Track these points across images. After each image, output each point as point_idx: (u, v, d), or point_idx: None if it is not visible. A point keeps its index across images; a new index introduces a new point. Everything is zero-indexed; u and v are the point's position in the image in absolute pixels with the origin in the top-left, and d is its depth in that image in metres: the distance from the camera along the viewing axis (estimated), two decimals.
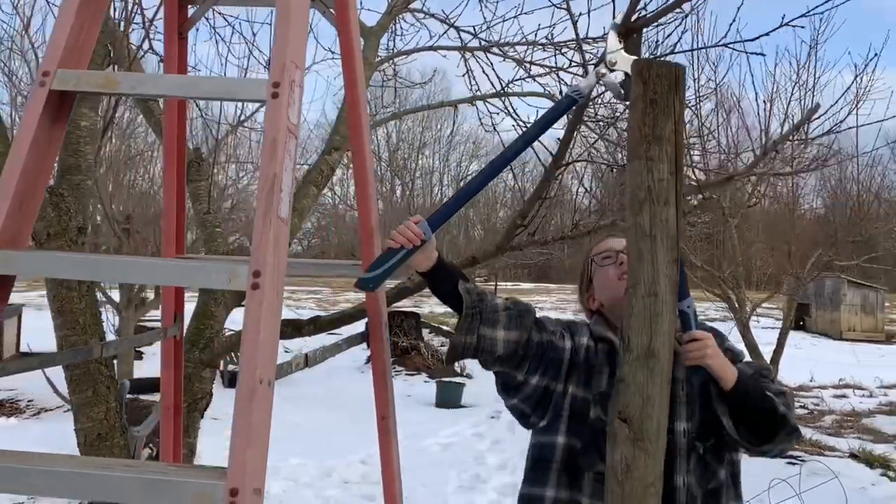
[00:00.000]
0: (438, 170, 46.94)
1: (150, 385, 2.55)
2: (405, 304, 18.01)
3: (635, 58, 1.96)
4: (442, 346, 16.89)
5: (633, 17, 1.97)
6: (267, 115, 1.52)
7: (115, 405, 2.72)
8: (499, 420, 10.78)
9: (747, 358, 2.35)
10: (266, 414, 1.45)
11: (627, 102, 1.90)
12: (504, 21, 4.20)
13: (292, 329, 3.10)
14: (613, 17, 2.03)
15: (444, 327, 18.92)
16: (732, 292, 11.28)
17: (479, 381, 12.98)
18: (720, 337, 2.24)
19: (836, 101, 6.07)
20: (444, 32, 4.43)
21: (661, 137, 1.79)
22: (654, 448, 1.84)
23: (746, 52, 2.13)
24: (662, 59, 1.86)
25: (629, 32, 1.89)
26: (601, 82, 2.04)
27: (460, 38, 4.55)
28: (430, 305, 24.07)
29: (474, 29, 4.33)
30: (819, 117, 5.57)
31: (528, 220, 2.71)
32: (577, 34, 2.55)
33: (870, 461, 8.99)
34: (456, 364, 13.55)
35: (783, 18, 2.19)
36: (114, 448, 2.72)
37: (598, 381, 2.14)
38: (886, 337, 25.43)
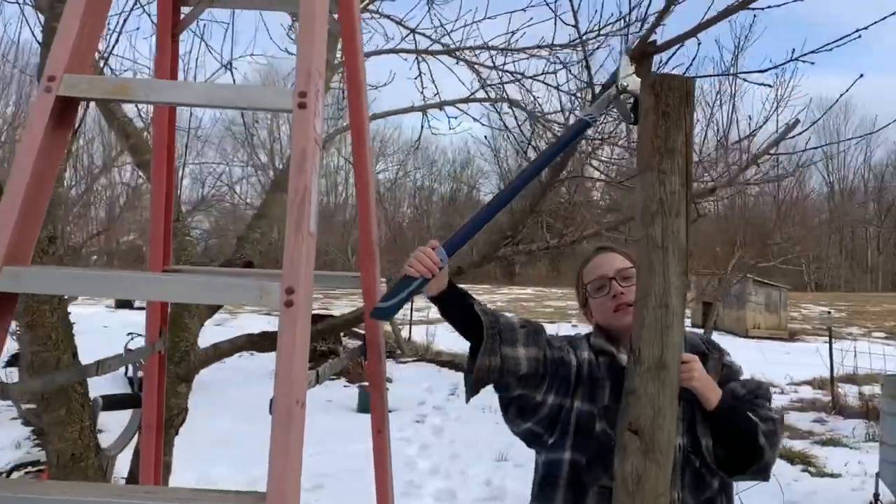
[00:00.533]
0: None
1: (122, 401, 2.44)
2: (316, 308, 17.86)
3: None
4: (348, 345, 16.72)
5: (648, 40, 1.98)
6: (294, 125, 1.46)
7: (89, 424, 2.59)
8: (424, 424, 10.74)
9: (746, 375, 2.37)
10: (301, 435, 1.41)
11: (635, 126, 1.90)
12: (466, 26, 4.19)
13: (271, 342, 3.02)
14: (625, 43, 2.04)
15: (360, 331, 18.71)
16: None
17: (401, 386, 12.90)
18: (719, 352, 2.27)
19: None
20: (406, 36, 4.39)
21: (673, 150, 1.80)
22: (665, 460, 1.84)
23: (754, 83, 2.16)
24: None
25: (643, 57, 1.89)
26: (612, 106, 2.04)
27: (415, 41, 4.53)
28: (339, 308, 23.83)
29: (437, 31, 4.31)
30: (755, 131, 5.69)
31: (517, 233, 2.70)
32: (581, 39, 2.55)
33: (790, 457, 9.26)
34: None
35: (792, 52, 2.23)
36: (88, 469, 2.58)
37: (602, 395, 2.14)
38: (789, 334, 26.35)
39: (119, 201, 18.08)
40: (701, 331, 15.75)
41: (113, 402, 2.45)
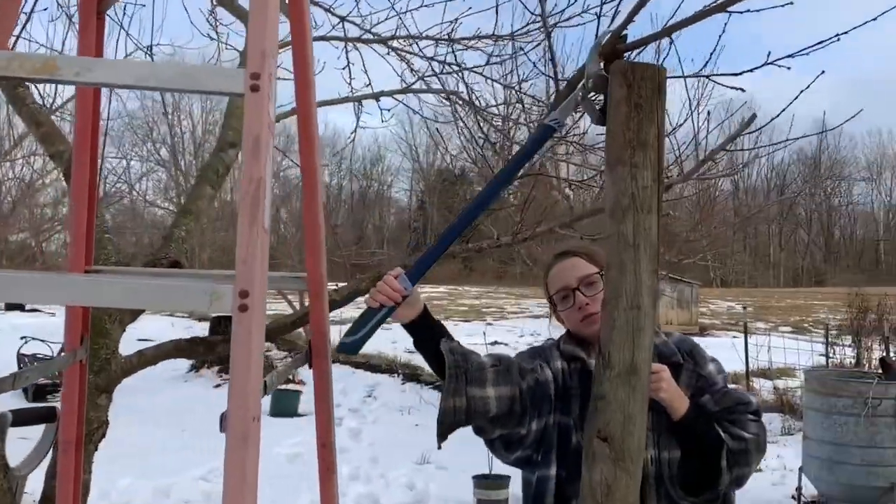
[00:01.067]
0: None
1: (34, 416, 2.22)
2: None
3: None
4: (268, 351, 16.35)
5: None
6: (247, 110, 1.31)
7: None
8: (340, 427, 10.42)
9: (732, 386, 2.29)
10: (258, 454, 1.26)
11: (604, 127, 1.81)
12: (399, 14, 4.05)
13: (205, 347, 2.82)
14: (596, 38, 1.93)
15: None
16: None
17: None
18: (694, 360, 2.20)
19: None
20: (337, 25, 4.22)
21: (645, 143, 1.71)
22: (635, 468, 1.76)
23: (727, 87, 2.10)
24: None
25: (613, 56, 1.79)
26: (580, 107, 1.94)
27: (344, 29, 4.38)
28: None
29: (365, 21, 4.17)
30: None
31: (469, 232, 2.59)
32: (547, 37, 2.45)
33: None
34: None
35: (768, 56, 2.17)
36: None
37: (575, 405, 2.07)
38: (700, 329, 27.04)
39: (8, 197, 17.00)
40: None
41: (24, 417, 2.23)
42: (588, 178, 3.65)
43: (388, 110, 4.53)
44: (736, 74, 2.10)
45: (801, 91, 2.25)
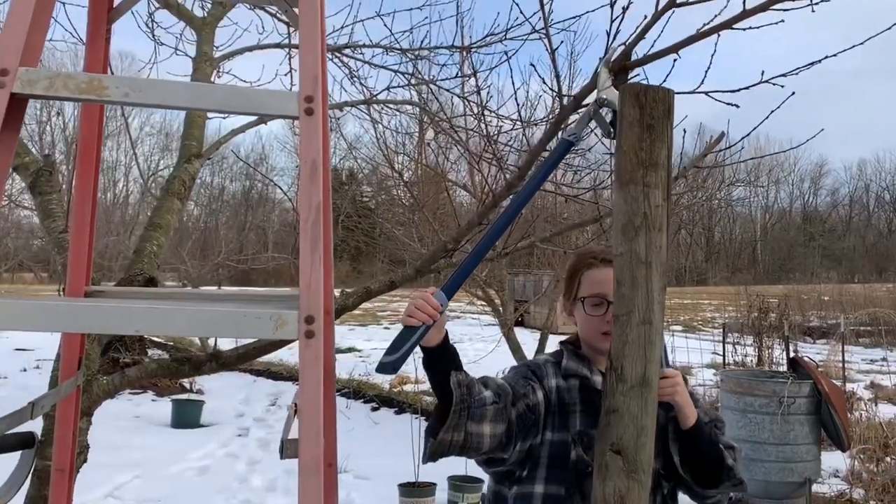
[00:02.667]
0: (124, 164, 45.06)
1: (13, 442, 2.07)
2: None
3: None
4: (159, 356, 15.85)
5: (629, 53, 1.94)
6: (302, 134, 1.30)
7: None
8: (248, 437, 10.14)
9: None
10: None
11: (614, 140, 1.86)
12: (350, 25, 4.01)
13: (190, 367, 2.71)
14: (605, 55, 1.98)
15: (170, 343, 17.78)
16: (496, 294, 11.59)
17: (216, 398, 12.20)
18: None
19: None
20: (291, 34, 4.14)
21: (657, 163, 1.77)
22: (647, 479, 1.81)
23: (724, 103, 2.17)
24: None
25: (622, 70, 1.85)
26: (594, 119, 1.98)
27: (289, 36, 4.30)
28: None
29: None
30: None
31: (459, 246, 2.59)
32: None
33: None
34: (186, 380, 12.66)
35: (762, 75, 2.25)
36: None
37: (574, 420, 2.09)
38: None
39: None
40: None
41: (2, 444, 2.12)
42: (580, 194, 3.70)
43: (338, 118, 4.48)
44: (733, 91, 2.18)
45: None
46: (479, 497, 6.61)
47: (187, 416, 10.63)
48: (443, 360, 1.94)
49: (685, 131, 2.74)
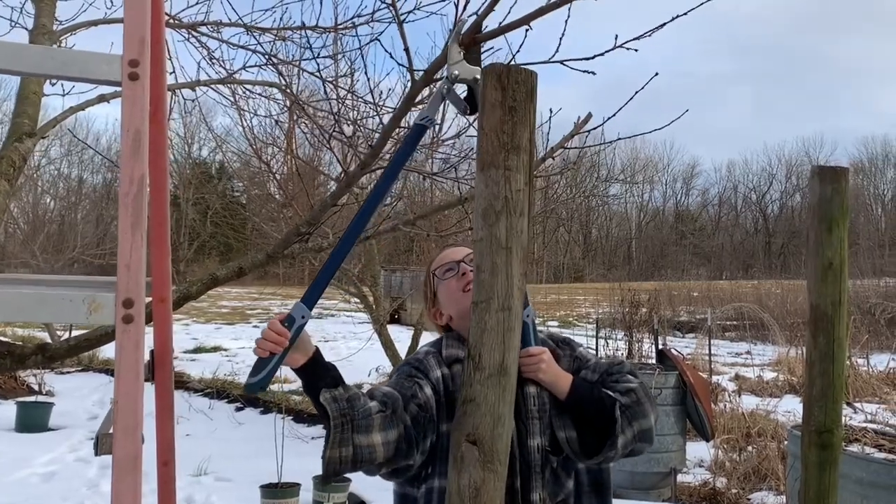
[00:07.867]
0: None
1: None
2: None
3: (478, 67, 1.88)
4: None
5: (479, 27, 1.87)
6: (125, 101, 1.18)
7: None
8: None
9: (606, 360, 2.37)
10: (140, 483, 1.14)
11: (472, 116, 1.81)
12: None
13: (12, 361, 2.47)
14: (454, 28, 1.91)
15: (16, 342, 16.60)
16: (369, 291, 11.46)
17: (67, 400, 11.56)
18: (569, 346, 2.26)
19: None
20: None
21: (519, 147, 1.72)
22: (502, 469, 1.76)
23: (581, 71, 2.14)
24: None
25: (472, 44, 1.79)
26: (447, 98, 1.92)
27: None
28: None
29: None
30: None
31: (313, 229, 2.47)
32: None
33: None
34: (34, 380, 12.06)
35: (616, 39, 2.23)
36: None
37: None
38: None
39: None
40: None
41: None
42: (442, 171, 3.63)
43: (192, 101, 4.28)
44: (588, 58, 2.16)
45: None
46: (346, 497, 6.50)
47: (33, 420, 9.98)
48: (315, 377, 1.89)
49: (551, 111, 2.71)
